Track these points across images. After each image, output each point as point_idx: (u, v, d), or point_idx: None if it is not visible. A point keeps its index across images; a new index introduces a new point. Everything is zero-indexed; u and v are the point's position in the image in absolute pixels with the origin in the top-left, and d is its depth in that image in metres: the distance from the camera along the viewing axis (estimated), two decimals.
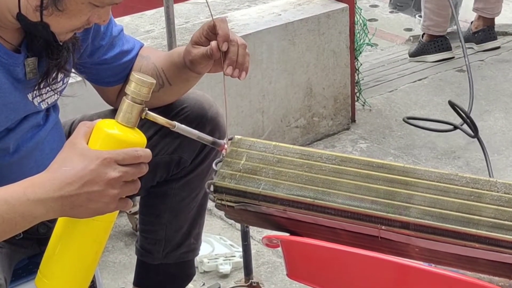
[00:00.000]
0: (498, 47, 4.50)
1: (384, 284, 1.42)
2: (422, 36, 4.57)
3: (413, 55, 4.57)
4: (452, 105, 3.40)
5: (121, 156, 1.34)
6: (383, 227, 1.37)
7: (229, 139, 1.54)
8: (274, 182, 1.45)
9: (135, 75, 1.40)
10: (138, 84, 1.40)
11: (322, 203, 1.41)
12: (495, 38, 4.51)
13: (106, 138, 1.38)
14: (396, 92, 4.10)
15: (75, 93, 1.86)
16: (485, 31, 4.52)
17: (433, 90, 4.10)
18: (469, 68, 3.79)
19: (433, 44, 4.48)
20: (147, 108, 1.42)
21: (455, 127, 3.49)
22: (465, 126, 3.46)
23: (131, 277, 2.19)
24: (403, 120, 3.52)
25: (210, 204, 2.12)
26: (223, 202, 1.49)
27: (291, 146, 1.51)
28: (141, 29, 3.47)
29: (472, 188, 1.38)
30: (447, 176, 1.40)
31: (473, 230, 1.32)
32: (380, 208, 1.38)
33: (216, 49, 1.70)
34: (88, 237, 1.43)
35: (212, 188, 1.48)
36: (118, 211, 1.42)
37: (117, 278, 2.64)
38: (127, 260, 2.74)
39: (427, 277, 1.37)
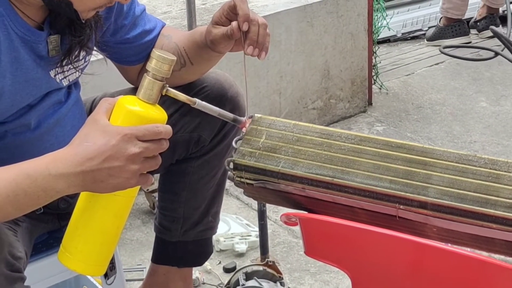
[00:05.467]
0: None
1: (401, 263, 1.43)
2: (440, 20, 4.56)
3: (430, 39, 4.56)
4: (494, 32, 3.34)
5: (141, 132, 1.35)
6: (401, 207, 1.38)
7: (249, 117, 1.55)
8: (293, 161, 1.46)
9: (156, 52, 1.41)
10: (159, 61, 1.41)
11: (341, 182, 1.42)
12: (497, 26, 4.49)
13: (128, 114, 1.39)
14: (413, 76, 4.10)
15: (95, 71, 1.88)
16: (487, 19, 4.52)
17: (450, 75, 4.09)
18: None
19: (451, 28, 4.47)
20: (167, 85, 1.43)
21: (496, 53, 3.38)
22: (505, 51, 3.37)
23: (148, 254, 2.21)
24: (439, 50, 3.39)
25: (227, 184, 2.13)
26: (242, 180, 1.49)
27: (311, 125, 1.52)
28: (158, 10, 3.48)
29: (490, 169, 1.38)
30: (466, 157, 1.41)
31: (490, 211, 1.33)
32: (399, 188, 1.39)
33: (237, 29, 1.70)
34: (109, 212, 1.44)
35: (231, 166, 1.49)
36: (139, 187, 1.43)
37: (135, 255, 2.67)
38: (144, 237, 2.76)
39: (444, 257, 1.38)
